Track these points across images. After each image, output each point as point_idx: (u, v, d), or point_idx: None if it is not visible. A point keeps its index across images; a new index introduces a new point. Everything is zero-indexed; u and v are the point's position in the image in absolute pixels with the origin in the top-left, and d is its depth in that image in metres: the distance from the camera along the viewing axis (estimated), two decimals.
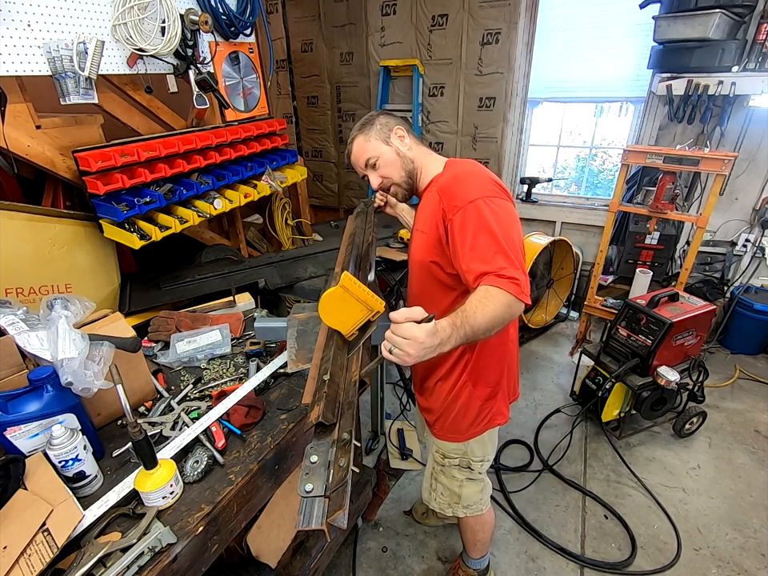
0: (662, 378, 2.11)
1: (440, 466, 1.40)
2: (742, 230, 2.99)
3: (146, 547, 0.83)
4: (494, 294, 0.89)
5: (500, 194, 1.04)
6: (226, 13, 2.06)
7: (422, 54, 3.47)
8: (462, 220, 0.99)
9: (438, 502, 1.46)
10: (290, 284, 2.07)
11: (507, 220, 0.99)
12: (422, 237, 1.17)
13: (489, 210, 0.98)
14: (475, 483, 1.40)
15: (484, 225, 0.96)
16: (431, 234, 1.11)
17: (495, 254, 0.94)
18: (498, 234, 0.95)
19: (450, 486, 1.41)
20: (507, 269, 0.91)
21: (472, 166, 1.13)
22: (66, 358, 0.96)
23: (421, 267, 1.21)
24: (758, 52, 2.44)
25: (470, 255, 0.96)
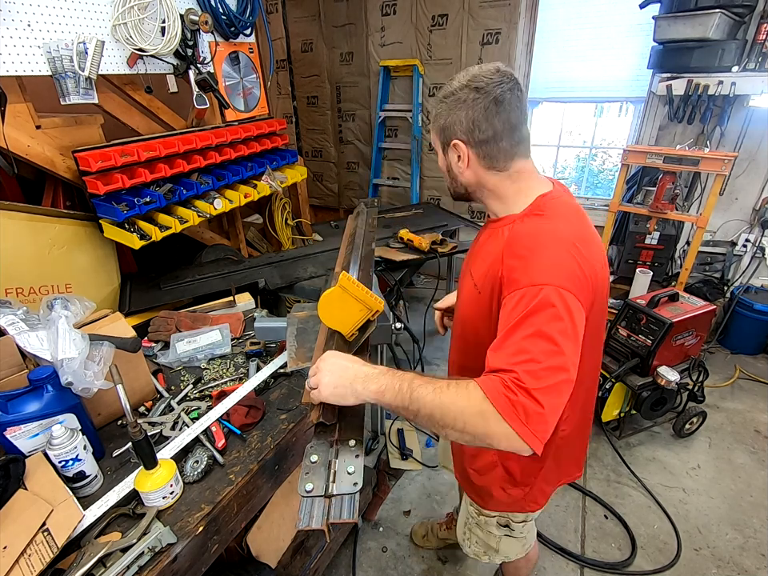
0: (662, 378, 2.11)
1: (475, 520, 1.21)
2: (741, 230, 2.99)
3: (146, 547, 0.83)
4: (471, 390, 0.67)
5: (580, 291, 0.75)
6: (226, 13, 2.06)
7: (422, 53, 3.47)
8: (516, 300, 0.74)
9: (473, 549, 1.29)
10: (290, 284, 2.07)
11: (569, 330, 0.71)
12: (473, 291, 0.92)
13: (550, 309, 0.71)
14: (516, 541, 1.21)
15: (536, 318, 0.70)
16: (483, 293, 0.87)
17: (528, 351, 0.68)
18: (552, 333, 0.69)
19: (486, 540, 1.22)
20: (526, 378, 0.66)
21: (566, 223, 0.83)
22: (66, 358, 0.96)
23: (466, 327, 0.98)
24: (757, 52, 2.44)
25: (499, 340, 0.73)
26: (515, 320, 0.72)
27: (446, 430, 0.69)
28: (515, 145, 0.86)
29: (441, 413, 0.68)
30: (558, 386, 0.68)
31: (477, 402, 0.66)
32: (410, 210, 3.14)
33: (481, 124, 0.82)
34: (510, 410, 0.64)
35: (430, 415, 0.69)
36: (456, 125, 0.84)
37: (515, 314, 0.73)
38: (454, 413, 0.67)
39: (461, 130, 0.84)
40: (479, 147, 0.85)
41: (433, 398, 0.69)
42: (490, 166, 0.87)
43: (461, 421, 0.67)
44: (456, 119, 0.84)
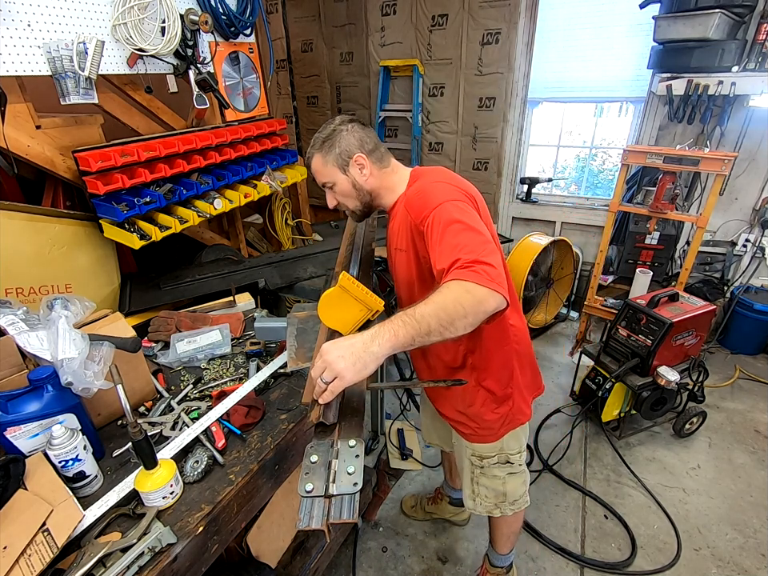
0: (662, 378, 2.11)
1: (479, 469, 1.36)
2: (742, 230, 2.99)
3: (146, 547, 0.83)
4: (448, 285, 0.82)
5: (466, 199, 1.01)
6: (226, 13, 2.06)
7: (422, 54, 3.47)
8: (431, 224, 0.95)
9: (484, 506, 1.41)
10: (290, 284, 2.07)
11: (474, 218, 0.96)
12: (402, 255, 1.14)
13: (455, 209, 0.95)
14: (517, 476, 1.38)
15: (450, 220, 0.92)
16: (410, 250, 1.09)
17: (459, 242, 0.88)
18: (467, 222, 0.91)
19: (493, 486, 1.37)
20: (471, 255, 0.84)
21: (436, 174, 1.11)
22: (66, 358, 0.96)
23: (409, 286, 1.17)
24: (757, 52, 2.44)
25: (438, 253, 0.90)
26: (438, 234, 0.92)
27: (455, 323, 0.80)
28: (386, 148, 1.19)
29: (444, 312, 0.79)
30: (491, 250, 0.87)
31: (457, 287, 0.81)
32: None
33: (365, 138, 1.13)
34: (477, 276, 0.81)
35: (438, 321, 0.79)
36: (350, 146, 1.11)
37: (434, 232, 0.93)
38: (452, 304, 0.79)
39: (355, 147, 1.11)
40: (371, 154, 1.13)
41: (431, 308, 0.79)
42: (382, 166, 1.16)
43: (459, 306, 0.79)
44: (348, 143, 1.11)
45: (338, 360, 0.77)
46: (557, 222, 3.54)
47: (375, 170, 1.14)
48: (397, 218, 1.14)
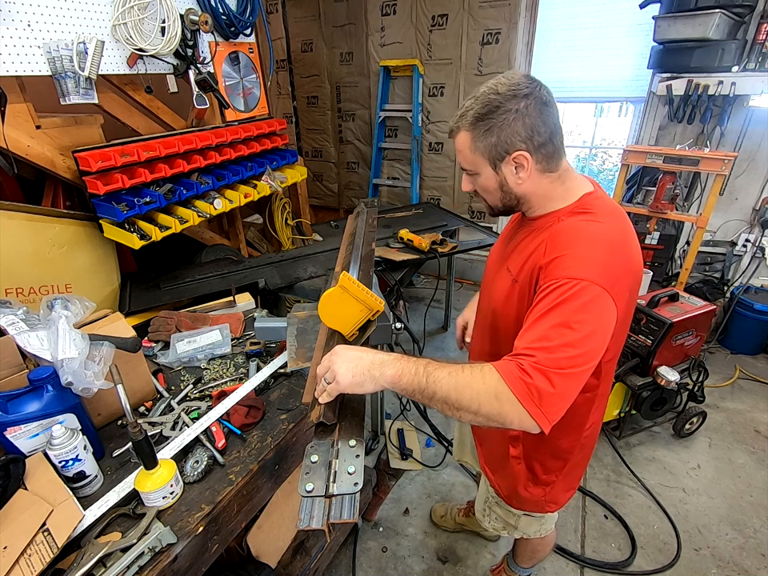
0: (662, 378, 2.11)
1: (495, 500, 1.25)
2: (742, 230, 2.99)
3: (146, 547, 0.83)
4: (486, 372, 0.70)
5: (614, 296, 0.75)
6: (226, 13, 2.06)
7: (422, 54, 3.47)
8: (548, 291, 0.76)
9: (492, 525, 1.33)
10: (290, 284, 2.07)
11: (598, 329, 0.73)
12: (509, 282, 0.92)
13: (587, 304, 0.72)
14: (535, 520, 1.23)
15: (568, 309, 0.72)
16: (521, 285, 0.88)
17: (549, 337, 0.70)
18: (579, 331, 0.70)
19: (505, 518, 1.27)
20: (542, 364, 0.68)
21: (612, 225, 0.83)
22: (66, 358, 0.96)
23: (498, 318, 0.97)
24: (757, 52, 2.44)
25: (525, 328, 0.75)
26: (546, 309, 0.74)
27: (461, 412, 0.71)
28: (562, 143, 0.87)
29: (457, 395, 0.70)
30: (574, 375, 0.70)
31: (492, 383, 0.69)
32: (410, 210, 3.14)
33: (539, 127, 0.81)
34: (524, 391, 0.67)
35: (445, 397, 0.70)
36: (513, 136, 0.81)
37: (547, 303, 0.74)
38: (469, 394, 0.69)
39: (520, 140, 0.82)
40: (539, 151, 0.83)
41: (449, 381, 0.70)
42: (546, 168, 0.86)
43: (476, 402, 0.69)
44: (512, 131, 0.81)
45: (341, 365, 0.77)
46: None
47: (536, 173, 0.86)
48: (531, 238, 0.90)
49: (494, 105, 0.80)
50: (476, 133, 0.83)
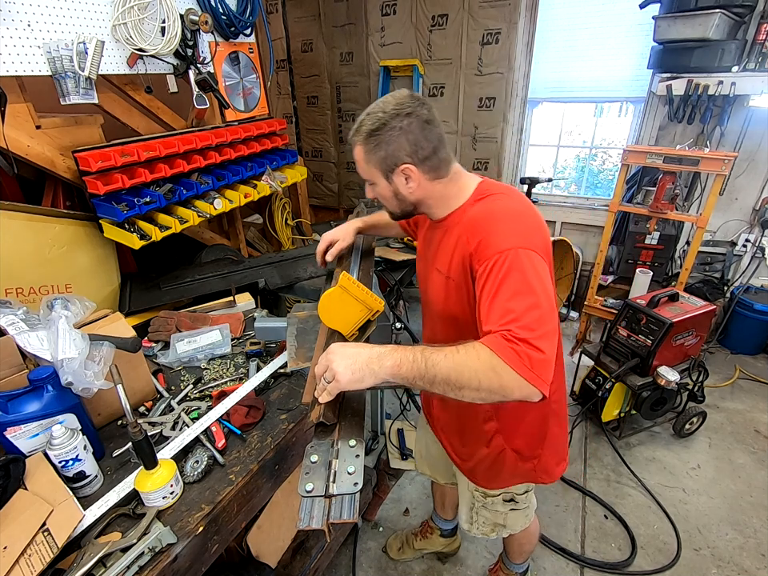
0: (662, 378, 2.11)
1: (481, 503, 1.28)
2: (742, 230, 2.99)
3: (146, 547, 0.83)
4: (478, 349, 0.72)
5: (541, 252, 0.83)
6: (226, 13, 2.06)
7: (422, 53, 3.47)
8: (490, 269, 0.80)
9: (480, 531, 1.35)
10: (290, 284, 2.06)
11: (545, 282, 0.79)
12: (442, 281, 0.98)
13: (527, 264, 0.79)
14: (520, 512, 1.28)
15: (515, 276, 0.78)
16: (456, 278, 0.93)
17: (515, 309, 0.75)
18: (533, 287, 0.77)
19: (493, 519, 1.30)
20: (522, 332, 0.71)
21: (512, 200, 0.92)
22: (66, 358, 0.96)
23: (445, 319, 1.02)
24: (757, 52, 2.44)
25: (487, 310, 0.78)
26: (495, 287, 0.78)
27: (463, 390, 0.72)
28: (448, 153, 0.96)
29: (456, 375, 0.71)
30: (549, 333, 0.75)
31: (486, 358, 0.71)
32: None
33: (421, 142, 0.89)
34: (516, 360, 0.70)
35: (446, 379, 0.72)
36: (399, 151, 0.89)
37: (492, 281, 0.79)
38: (468, 373, 0.71)
39: (405, 154, 0.89)
40: (424, 164, 0.91)
41: (446, 363, 0.72)
42: (436, 176, 0.94)
43: (475, 379, 0.71)
44: (397, 146, 0.89)
45: (340, 363, 0.77)
46: (557, 221, 3.54)
47: (426, 181, 0.93)
48: (449, 235, 0.97)
49: (382, 122, 0.88)
50: (368, 147, 0.91)
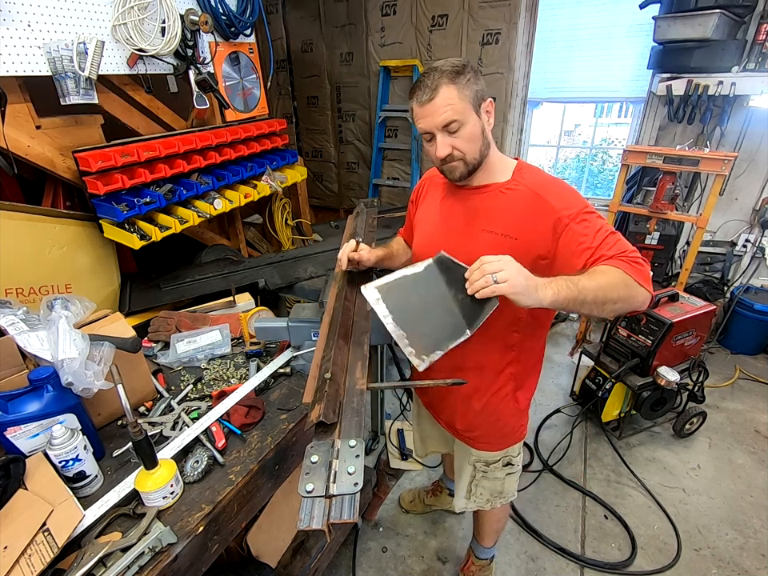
0: (662, 378, 2.11)
1: (482, 473, 1.35)
2: (742, 230, 2.99)
3: (146, 547, 0.83)
4: (612, 271, 0.86)
5: None
6: (226, 13, 2.06)
7: (422, 54, 3.47)
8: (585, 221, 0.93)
9: (477, 503, 1.41)
10: (290, 284, 2.07)
11: None
12: (497, 240, 0.99)
13: (604, 221, 0.96)
14: (515, 474, 1.38)
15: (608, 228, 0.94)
16: (526, 238, 0.97)
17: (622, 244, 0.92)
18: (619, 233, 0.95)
19: (492, 486, 1.37)
20: (634, 254, 0.90)
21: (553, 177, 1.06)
22: (67, 358, 0.96)
23: None
24: (757, 52, 2.44)
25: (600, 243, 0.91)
26: (595, 228, 0.92)
27: (606, 305, 0.86)
28: None
29: (603, 293, 0.85)
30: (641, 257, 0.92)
31: (620, 276, 0.86)
32: None
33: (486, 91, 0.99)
34: (640, 275, 0.87)
35: (594, 298, 0.84)
36: (482, 89, 0.96)
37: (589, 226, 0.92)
38: (610, 290, 0.85)
39: (485, 92, 0.98)
40: None
41: (592, 285, 0.84)
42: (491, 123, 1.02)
43: (615, 293, 0.85)
44: (479, 85, 0.96)
45: (515, 270, 0.80)
46: None
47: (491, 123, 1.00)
48: (506, 199, 1.01)
49: (461, 64, 0.95)
50: (460, 84, 0.93)
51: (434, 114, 0.93)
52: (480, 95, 0.95)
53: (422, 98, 0.93)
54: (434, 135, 0.96)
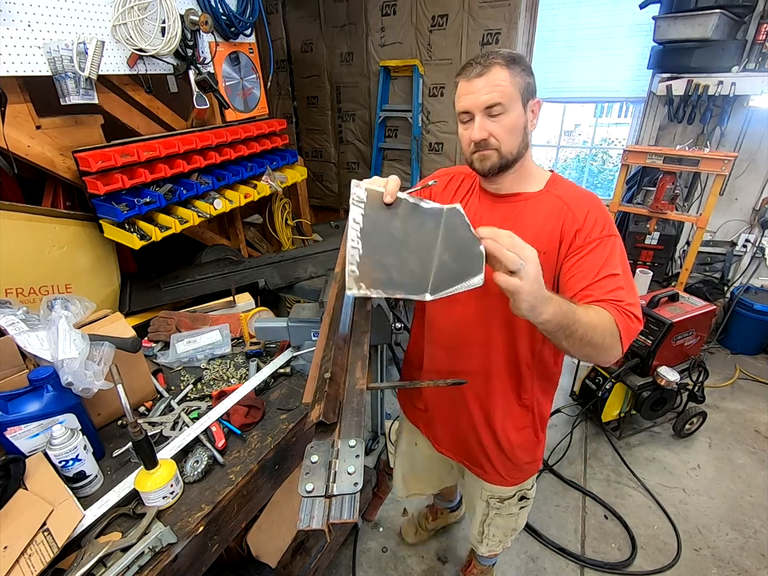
0: (662, 378, 2.11)
1: (496, 510, 1.28)
2: (741, 230, 3.00)
3: (146, 547, 0.83)
4: (604, 314, 0.80)
5: None
6: (226, 13, 2.06)
7: (422, 54, 3.47)
8: (601, 246, 0.88)
9: (489, 548, 1.38)
10: (289, 284, 2.07)
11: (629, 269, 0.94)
12: None
13: (624, 253, 0.92)
14: (528, 507, 1.32)
15: (623, 258, 0.90)
16: (553, 252, 0.92)
17: (627, 285, 0.87)
18: (629, 272, 0.90)
19: (506, 524, 1.32)
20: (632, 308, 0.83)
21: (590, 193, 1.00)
22: (66, 358, 0.96)
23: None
24: (757, 52, 2.44)
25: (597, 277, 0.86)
26: (604, 258, 0.87)
27: (586, 347, 0.79)
28: None
29: (591, 332, 0.78)
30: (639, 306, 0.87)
31: (610, 324, 0.80)
32: None
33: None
34: (627, 332, 0.81)
35: (581, 335, 0.77)
36: (534, 86, 0.92)
37: (600, 253, 0.87)
38: (599, 333, 0.79)
39: (536, 91, 0.93)
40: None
41: (584, 320, 0.77)
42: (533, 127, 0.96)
43: (600, 339, 0.79)
44: (533, 80, 0.91)
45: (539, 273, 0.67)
46: None
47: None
48: (540, 207, 0.95)
49: (518, 56, 0.89)
50: (513, 71, 0.87)
51: (479, 90, 0.86)
52: (530, 90, 0.90)
53: (472, 73, 0.87)
54: (474, 116, 0.88)
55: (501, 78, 0.86)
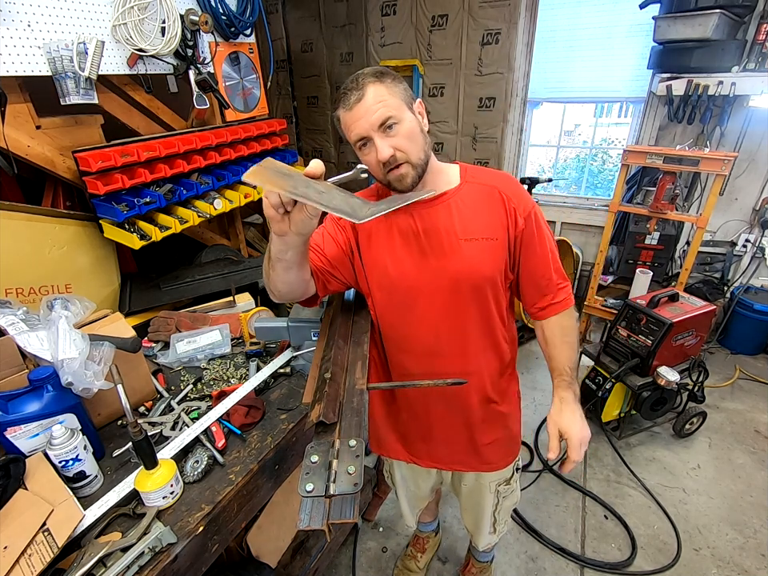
0: (662, 378, 2.11)
1: (504, 494, 1.31)
2: (742, 230, 2.99)
3: (146, 547, 0.83)
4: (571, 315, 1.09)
5: None
6: (226, 13, 2.06)
7: (422, 54, 3.47)
8: (536, 222, 1.00)
9: (500, 532, 1.41)
10: None
11: None
12: (489, 245, 0.97)
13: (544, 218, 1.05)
14: (518, 482, 1.37)
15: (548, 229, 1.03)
16: (502, 235, 0.97)
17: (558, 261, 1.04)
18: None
19: (512, 501, 1.36)
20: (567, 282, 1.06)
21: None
22: (66, 358, 0.96)
23: (479, 287, 0.99)
24: (757, 52, 2.44)
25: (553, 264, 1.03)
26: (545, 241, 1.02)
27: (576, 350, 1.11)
28: None
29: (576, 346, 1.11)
30: None
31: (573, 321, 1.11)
32: None
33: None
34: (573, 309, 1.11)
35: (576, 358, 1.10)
36: (409, 90, 0.93)
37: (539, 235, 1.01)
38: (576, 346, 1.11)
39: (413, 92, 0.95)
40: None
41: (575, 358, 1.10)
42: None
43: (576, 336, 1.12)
44: (406, 85, 0.92)
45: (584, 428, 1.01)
46: (557, 221, 3.54)
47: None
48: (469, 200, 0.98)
49: (383, 69, 0.90)
50: (386, 83, 0.87)
51: (366, 113, 0.84)
52: (409, 94, 0.91)
53: (351, 100, 0.85)
54: (371, 139, 0.86)
55: (380, 94, 0.85)
